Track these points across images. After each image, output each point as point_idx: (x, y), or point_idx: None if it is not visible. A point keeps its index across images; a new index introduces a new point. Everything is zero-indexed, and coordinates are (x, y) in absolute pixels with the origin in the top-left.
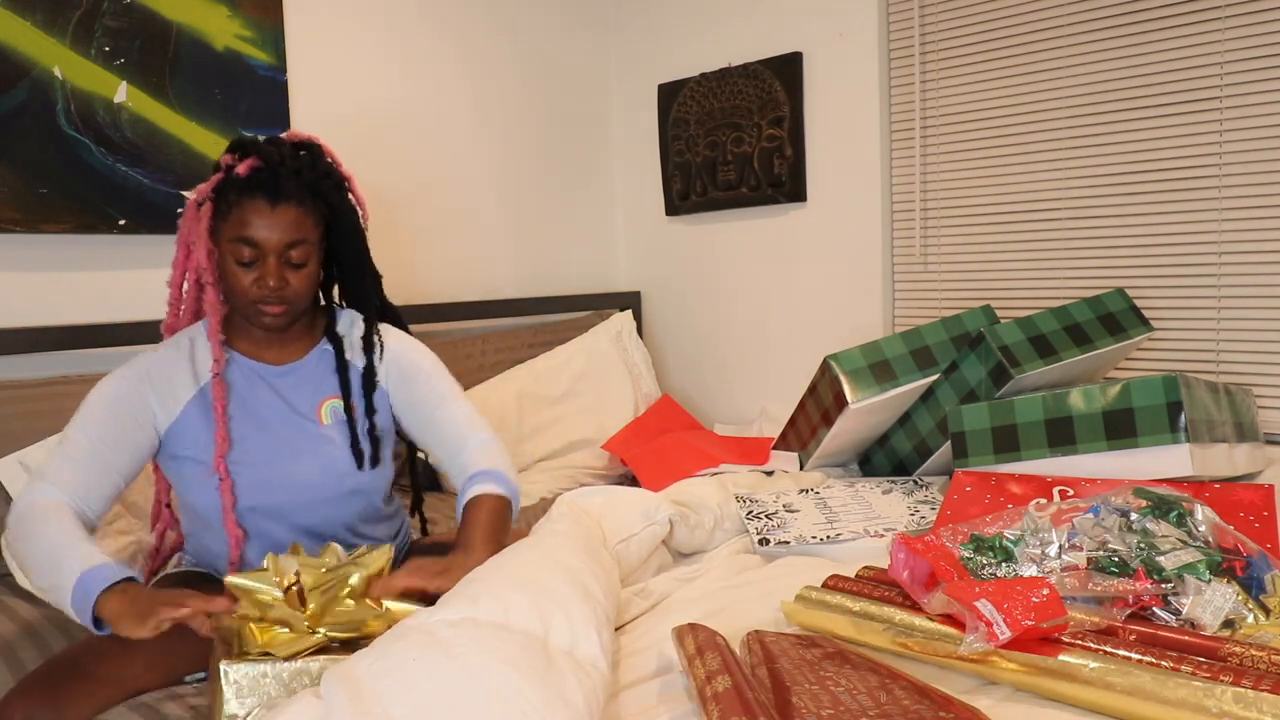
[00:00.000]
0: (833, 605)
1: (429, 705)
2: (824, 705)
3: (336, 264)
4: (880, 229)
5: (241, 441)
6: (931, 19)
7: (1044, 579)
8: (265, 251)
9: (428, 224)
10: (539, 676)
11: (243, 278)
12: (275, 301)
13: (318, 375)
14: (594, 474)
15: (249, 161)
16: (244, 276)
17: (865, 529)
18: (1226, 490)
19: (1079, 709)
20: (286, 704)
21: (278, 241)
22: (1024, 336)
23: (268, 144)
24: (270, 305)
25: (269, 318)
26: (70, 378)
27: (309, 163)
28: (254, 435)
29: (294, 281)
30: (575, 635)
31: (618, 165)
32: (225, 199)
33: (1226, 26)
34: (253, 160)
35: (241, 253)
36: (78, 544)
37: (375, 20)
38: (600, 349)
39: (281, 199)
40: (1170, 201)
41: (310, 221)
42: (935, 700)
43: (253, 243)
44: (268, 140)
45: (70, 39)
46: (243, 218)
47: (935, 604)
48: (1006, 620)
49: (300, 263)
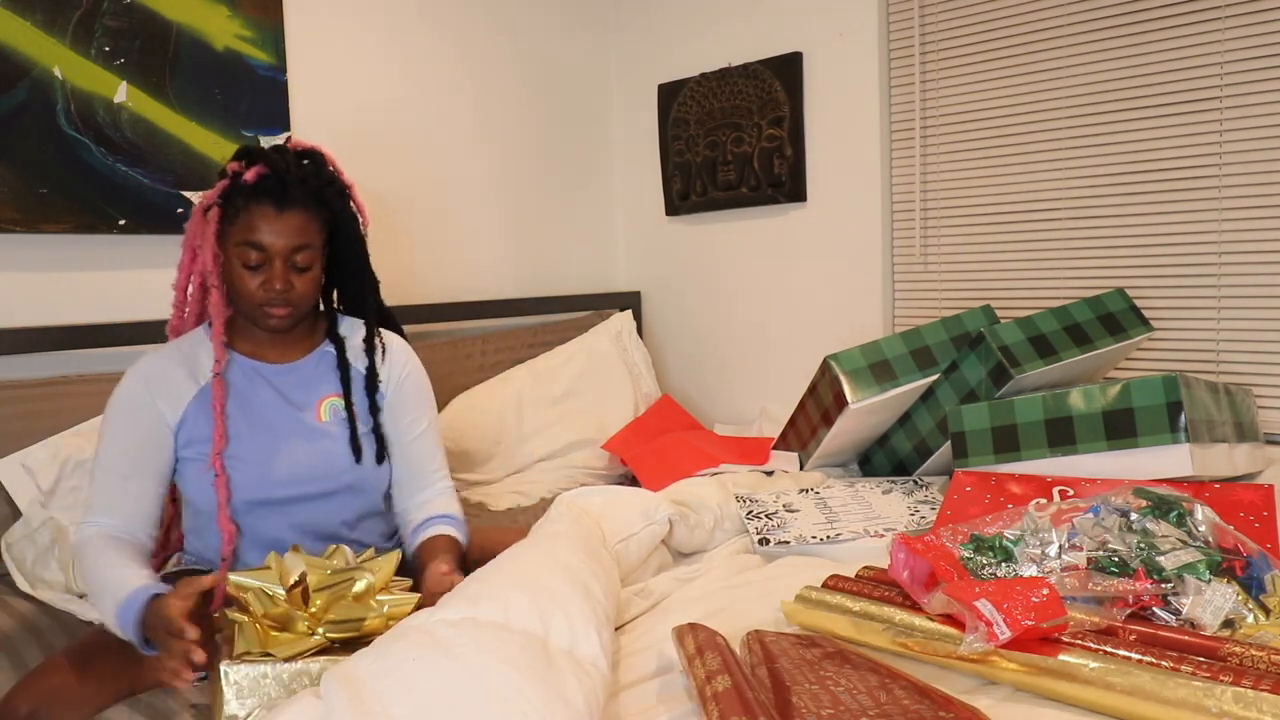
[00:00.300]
0: (833, 605)
1: (429, 705)
2: (824, 705)
3: (337, 269)
4: (880, 229)
5: (239, 439)
6: (931, 19)
7: (1044, 579)
8: (271, 255)
9: (428, 223)
10: (539, 676)
11: (249, 281)
12: (281, 304)
13: (318, 374)
14: (594, 474)
15: (256, 169)
16: (250, 280)
17: (865, 529)
18: (1226, 490)
19: (1079, 709)
20: (286, 704)
21: (284, 246)
22: (1024, 336)
23: (274, 152)
24: (276, 308)
25: (274, 320)
26: (70, 377)
27: (313, 171)
28: (253, 432)
29: (299, 285)
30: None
31: (618, 165)
32: (233, 204)
33: (1226, 26)
34: (260, 168)
35: (248, 256)
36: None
37: (375, 20)
38: (600, 349)
39: (287, 205)
40: (1170, 201)
41: (314, 227)
42: (935, 700)
43: (259, 247)
44: (273, 149)
45: (70, 39)
46: (250, 223)
47: (935, 604)
48: (1006, 620)
49: (305, 267)
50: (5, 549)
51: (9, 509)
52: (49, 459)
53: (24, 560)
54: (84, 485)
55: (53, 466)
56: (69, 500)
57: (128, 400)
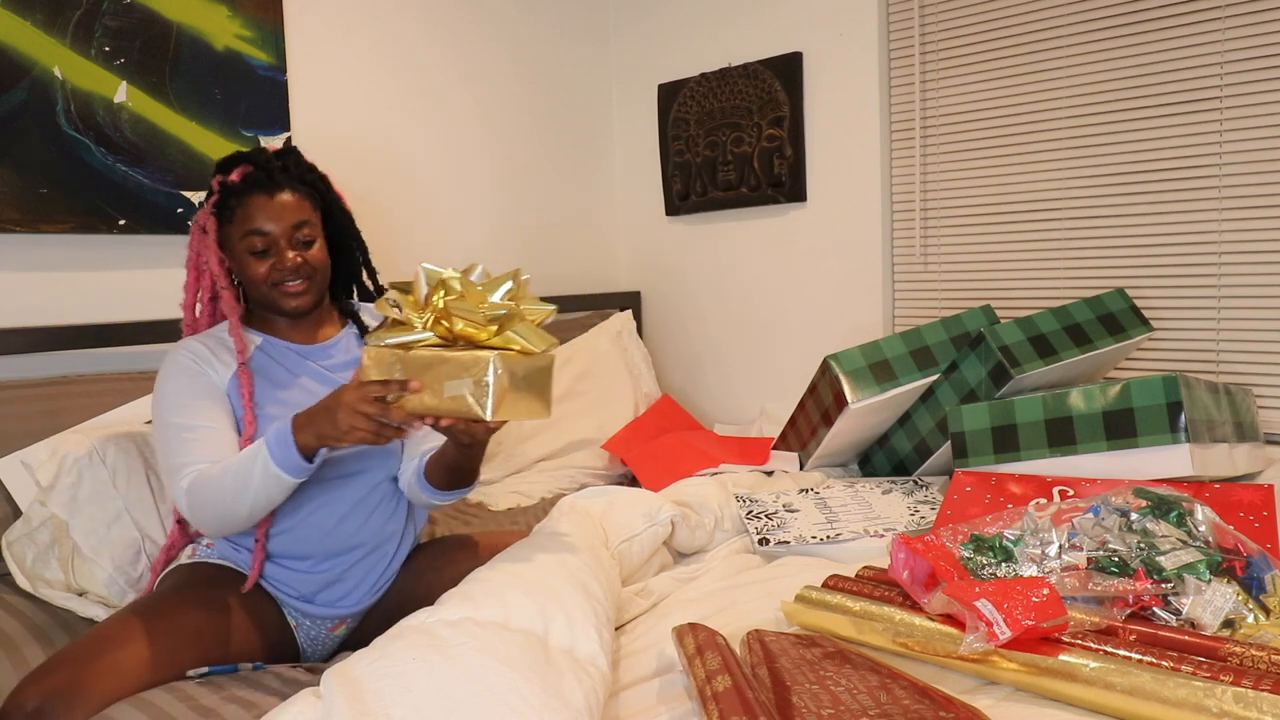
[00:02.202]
0: (833, 605)
1: (428, 705)
2: (824, 705)
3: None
4: (880, 229)
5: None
6: (931, 19)
7: (1044, 579)
8: (276, 238)
9: (428, 223)
10: (538, 676)
11: (259, 267)
12: (294, 278)
13: (350, 349)
14: (594, 474)
15: (240, 169)
16: (260, 266)
17: (865, 529)
18: (1226, 490)
19: (1079, 709)
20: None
21: (284, 227)
22: (1024, 336)
23: (252, 152)
24: (292, 284)
25: (293, 299)
26: (71, 377)
27: (293, 160)
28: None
29: (308, 258)
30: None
31: (618, 165)
32: (227, 207)
33: (1226, 26)
34: (243, 167)
35: (254, 244)
36: (243, 456)
37: (375, 21)
38: (600, 349)
39: (277, 190)
40: (1170, 201)
41: (308, 205)
42: (936, 700)
43: (262, 232)
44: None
45: (70, 39)
46: (247, 214)
47: (935, 604)
48: (1006, 620)
49: (309, 241)
50: (5, 547)
51: (9, 508)
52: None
53: (24, 559)
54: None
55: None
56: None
57: (182, 370)
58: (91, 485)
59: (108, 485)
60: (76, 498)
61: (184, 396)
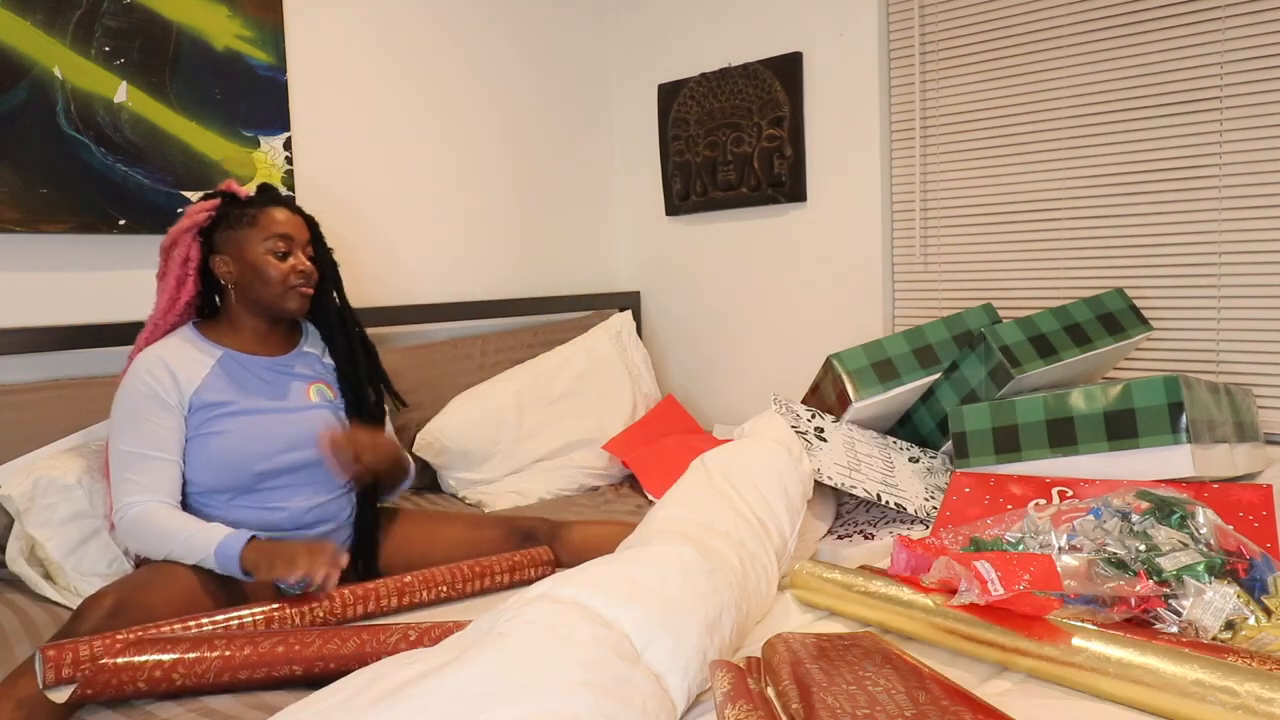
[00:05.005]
0: (840, 582)
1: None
2: (860, 705)
3: None
4: (880, 229)
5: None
6: (931, 19)
7: (1045, 555)
8: (296, 243)
9: (428, 223)
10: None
11: (281, 266)
12: (307, 284)
13: (303, 364)
14: (594, 474)
15: (243, 190)
16: (283, 265)
17: (879, 492)
18: (1225, 490)
19: (1097, 698)
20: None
21: (302, 237)
22: (1024, 336)
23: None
24: (305, 287)
25: (301, 300)
26: (65, 381)
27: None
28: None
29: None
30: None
31: (618, 165)
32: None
33: (1226, 26)
34: (244, 190)
35: (278, 246)
36: (195, 528)
37: (376, 21)
38: (600, 349)
39: (286, 207)
40: (1170, 201)
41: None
42: (974, 706)
43: (286, 236)
44: None
45: (70, 39)
46: (271, 218)
47: (935, 570)
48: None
49: (311, 256)
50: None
51: (6, 519)
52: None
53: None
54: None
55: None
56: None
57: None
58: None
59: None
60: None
61: (137, 422)
